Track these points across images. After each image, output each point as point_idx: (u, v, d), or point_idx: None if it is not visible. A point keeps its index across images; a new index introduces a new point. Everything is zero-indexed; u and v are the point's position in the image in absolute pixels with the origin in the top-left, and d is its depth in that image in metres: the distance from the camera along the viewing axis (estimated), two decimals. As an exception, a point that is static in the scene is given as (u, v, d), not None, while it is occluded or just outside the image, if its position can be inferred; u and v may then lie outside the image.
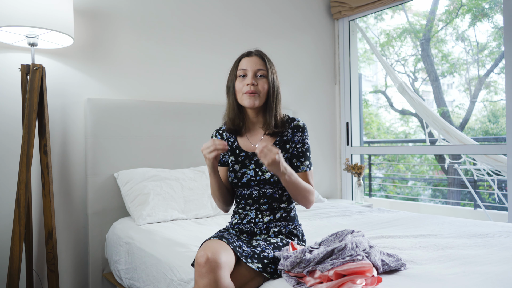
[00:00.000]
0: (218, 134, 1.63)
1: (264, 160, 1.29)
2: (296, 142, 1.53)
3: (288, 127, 1.55)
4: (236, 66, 1.54)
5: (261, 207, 1.51)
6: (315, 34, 3.52)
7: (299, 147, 1.53)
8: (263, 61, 1.53)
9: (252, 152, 1.54)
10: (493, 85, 6.39)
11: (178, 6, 2.75)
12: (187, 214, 2.31)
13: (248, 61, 1.52)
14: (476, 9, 5.99)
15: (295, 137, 1.53)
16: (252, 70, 1.50)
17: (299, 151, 1.53)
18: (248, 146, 1.57)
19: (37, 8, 1.88)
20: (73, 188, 2.36)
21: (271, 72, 1.53)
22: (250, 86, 1.48)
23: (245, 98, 1.49)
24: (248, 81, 1.49)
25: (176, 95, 2.74)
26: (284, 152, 1.53)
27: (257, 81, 1.50)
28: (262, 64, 1.52)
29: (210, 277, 1.17)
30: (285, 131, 1.55)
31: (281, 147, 1.53)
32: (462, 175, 4.45)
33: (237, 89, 1.52)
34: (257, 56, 1.53)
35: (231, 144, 1.60)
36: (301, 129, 1.54)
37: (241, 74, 1.51)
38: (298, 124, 1.55)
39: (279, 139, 1.54)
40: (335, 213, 2.49)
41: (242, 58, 1.55)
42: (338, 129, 3.69)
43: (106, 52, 2.47)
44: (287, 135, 1.54)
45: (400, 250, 1.56)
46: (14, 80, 2.17)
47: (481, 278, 1.20)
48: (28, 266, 2.11)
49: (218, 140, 1.36)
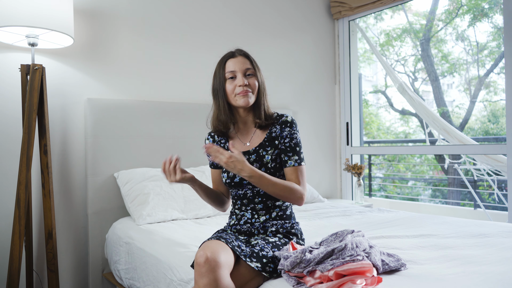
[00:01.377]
0: (210, 137, 1.65)
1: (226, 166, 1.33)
2: (284, 137, 1.53)
3: (277, 123, 1.55)
4: (223, 68, 1.54)
5: (256, 206, 1.52)
6: (315, 34, 3.52)
7: (287, 141, 1.52)
8: (249, 60, 1.54)
9: (243, 151, 1.55)
10: (493, 85, 6.39)
11: (178, 6, 2.75)
12: (187, 214, 2.31)
13: (234, 62, 1.52)
14: (475, 9, 5.99)
15: (283, 132, 1.53)
16: (241, 71, 1.51)
17: (287, 145, 1.52)
18: (240, 146, 1.59)
19: (37, 8, 1.88)
20: (73, 188, 2.36)
21: (258, 70, 1.55)
22: (243, 87, 1.49)
23: (239, 98, 1.50)
24: (240, 82, 1.49)
25: (176, 95, 2.74)
26: (274, 149, 1.53)
27: (248, 81, 1.51)
28: (249, 63, 1.53)
29: (210, 276, 1.17)
30: (273, 127, 1.55)
31: (269, 143, 1.53)
32: (462, 175, 4.45)
33: (229, 92, 1.52)
34: (242, 56, 1.54)
35: (223, 145, 1.61)
36: (289, 124, 1.54)
37: (230, 76, 1.52)
38: (286, 119, 1.55)
39: (268, 136, 1.55)
40: (335, 213, 2.49)
41: (227, 60, 1.54)
42: (338, 129, 3.69)
43: (106, 52, 2.47)
44: (275, 131, 1.55)
45: (400, 250, 1.56)
46: (14, 80, 2.17)
47: (481, 278, 1.20)
48: (28, 266, 2.11)
49: (167, 164, 1.39)
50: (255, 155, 1.53)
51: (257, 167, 1.49)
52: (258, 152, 1.53)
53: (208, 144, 1.37)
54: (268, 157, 1.51)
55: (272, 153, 1.52)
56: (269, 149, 1.53)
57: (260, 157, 1.52)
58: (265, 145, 1.53)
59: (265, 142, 1.54)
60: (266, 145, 1.53)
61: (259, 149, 1.53)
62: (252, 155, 1.53)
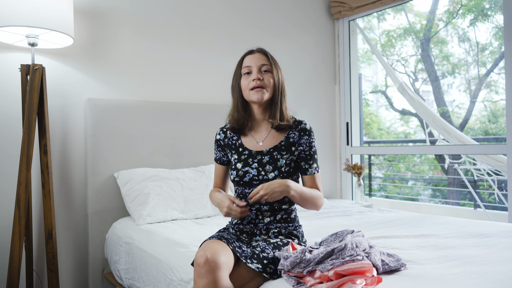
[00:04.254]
0: (222, 132, 1.63)
1: (273, 199, 1.39)
2: (303, 145, 1.53)
3: (295, 129, 1.55)
4: (240, 65, 1.56)
5: (262, 207, 1.51)
6: (315, 34, 3.52)
7: (307, 150, 1.54)
8: (266, 56, 1.55)
9: (256, 150, 1.54)
10: (494, 84, 6.38)
11: (178, 6, 2.75)
12: (187, 214, 2.31)
13: (251, 58, 1.54)
14: (476, 9, 5.99)
15: (301, 139, 1.53)
16: (256, 66, 1.51)
17: (307, 154, 1.53)
18: (252, 144, 1.57)
19: (37, 8, 1.88)
20: (73, 188, 2.36)
21: (275, 67, 1.55)
22: (256, 81, 1.49)
23: (252, 94, 1.50)
24: (253, 77, 1.50)
25: (176, 95, 2.74)
26: (289, 154, 1.52)
27: (262, 76, 1.51)
28: (266, 60, 1.54)
29: (209, 277, 1.17)
30: (291, 132, 1.55)
31: (286, 148, 1.53)
32: (462, 175, 4.45)
33: (243, 87, 1.53)
34: (260, 53, 1.55)
35: (235, 142, 1.60)
36: (308, 132, 1.55)
37: (246, 72, 1.53)
38: (305, 127, 1.55)
39: (285, 140, 1.54)
40: (335, 213, 2.49)
41: (245, 56, 1.57)
42: (338, 129, 3.69)
43: (106, 52, 2.47)
44: (293, 137, 1.54)
45: (400, 250, 1.56)
46: (14, 80, 2.17)
47: (481, 278, 1.20)
48: (28, 266, 2.11)
49: (237, 211, 1.41)
50: (269, 156, 1.52)
51: (270, 169, 1.49)
52: (273, 155, 1.52)
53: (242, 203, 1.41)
54: (282, 161, 1.50)
55: (287, 158, 1.51)
56: (284, 153, 1.52)
57: (274, 160, 1.51)
58: (281, 148, 1.52)
59: (281, 146, 1.53)
60: (282, 149, 1.52)
61: (273, 151, 1.52)
62: (266, 156, 1.52)
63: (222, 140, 1.63)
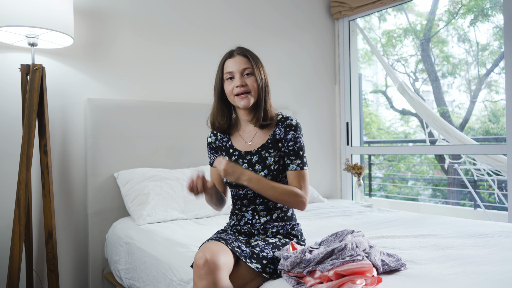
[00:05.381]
0: (212, 134, 1.64)
1: (226, 177, 1.40)
2: (288, 140, 1.51)
3: (281, 126, 1.53)
4: (222, 68, 1.54)
5: (257, 207, 1.51)
6: (315, 33, 3.52)
7: (291, 145, 1.50)
8: (247, 59, 1.51)
9: (245, 151, 1.54)
10: (494, 84, 6.38)
11: (179, 6, 2.75)
12: (187, 214, 2.31)
13: (232, 62, 1.51)
14: (476, 9, 5.99)
15: (287, 135, 1.51)
16: (238, 71, 1.49)
17: (290, 149, 1.50)
18: (241, 144, 1.57)
19: (37, 8, 1.88)
20: (73, 188, 2.36)
21: (257, 68, 1.51)
22: (240, 88, 1.48)
23: (237, 100, 1.49)
24: (236, 83, 1.48)
25: (176, 95, 2.74)
26: (277, 151, 1.51)
27: (245, 81, 1.49)
28: (247, 62, 1.50)
29: (209, 279, 1.17)
30: (277, 129, 1.53)
31: (273, 145, 1.52)
32: (462, 175, 4.45)
33: (228, 92, 1.52)
34: (240, 55, 1.52)
35: (225, 143, 1.60)
36: (294, 127, 1.52)
37: (228, 77, 1.51)
38: (290, 123, 1.52)
39: (271, 137, 1.53)
40: (335, 213, 2.49)
41: (225, 60, 1.54)
42: (338, 129, 3.69)
43: (106, 52, 2.47)
44: (279, 134, 1.52)
45: (400, 250, 1.56)
46: (14, 80, 2.17)
47: (481, 278, 1.20)
48: (28, 266, 2.11)
49: (194, 181, 1.42)
50: (257, 156, 1.51)
51: (260, 168, 1.49)
52: (261, 154, 1.51)
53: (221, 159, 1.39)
54: (271, 159, 1.50)
55: (275, 156, 1.51)
56: (272, 151, 1.51)
57: (263, 158, 1.50)
58: (268, 146, 1.52)
59: (268, 144, 1.52)
60: (269, 147, 1.52)
61: (261, 150, 1.52)
62: (255, 156, 1.52)
63: (214, 143, 1.63)
